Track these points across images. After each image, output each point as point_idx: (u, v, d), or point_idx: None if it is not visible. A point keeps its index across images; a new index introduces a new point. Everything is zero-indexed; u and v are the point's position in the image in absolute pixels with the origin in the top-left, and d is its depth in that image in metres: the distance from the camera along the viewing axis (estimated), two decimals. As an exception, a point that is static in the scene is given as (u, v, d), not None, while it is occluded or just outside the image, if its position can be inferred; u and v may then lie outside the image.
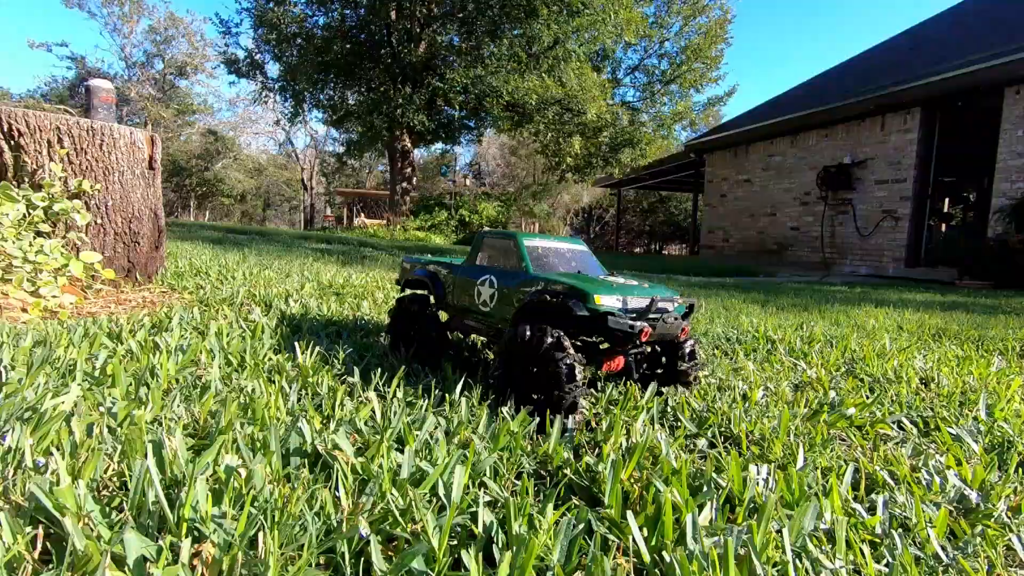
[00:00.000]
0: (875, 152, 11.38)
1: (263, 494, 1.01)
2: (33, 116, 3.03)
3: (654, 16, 21.88)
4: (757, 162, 14.43)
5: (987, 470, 1.37)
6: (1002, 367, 2.68)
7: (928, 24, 15.61)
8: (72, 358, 1.81)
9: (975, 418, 1.85)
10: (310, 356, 2.09)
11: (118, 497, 1.02)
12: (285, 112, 22.05)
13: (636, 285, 1.86)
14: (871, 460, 1.47)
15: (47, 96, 34.20)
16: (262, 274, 4.54)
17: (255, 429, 1.34)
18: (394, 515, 0.99)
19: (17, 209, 2.83)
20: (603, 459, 1.31)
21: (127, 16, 33.41)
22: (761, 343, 3.01)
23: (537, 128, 20.06)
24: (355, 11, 19.11)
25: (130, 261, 3.49)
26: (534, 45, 17.92)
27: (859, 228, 11.67)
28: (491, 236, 2.20)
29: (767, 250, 14.00)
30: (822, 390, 2.15)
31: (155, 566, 0.82)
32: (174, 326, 2.43)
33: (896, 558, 0.97)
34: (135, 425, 1.28)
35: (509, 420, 1.49)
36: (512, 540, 0.95)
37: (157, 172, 3.64)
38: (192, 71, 36.06)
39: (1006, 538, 1.11)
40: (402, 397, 1.71)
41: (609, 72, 23.47)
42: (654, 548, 0.98)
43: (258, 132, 42.70)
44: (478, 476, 1.21)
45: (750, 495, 1.16)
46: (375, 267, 6.29)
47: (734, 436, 1.61)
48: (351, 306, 3.45)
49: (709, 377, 2.23)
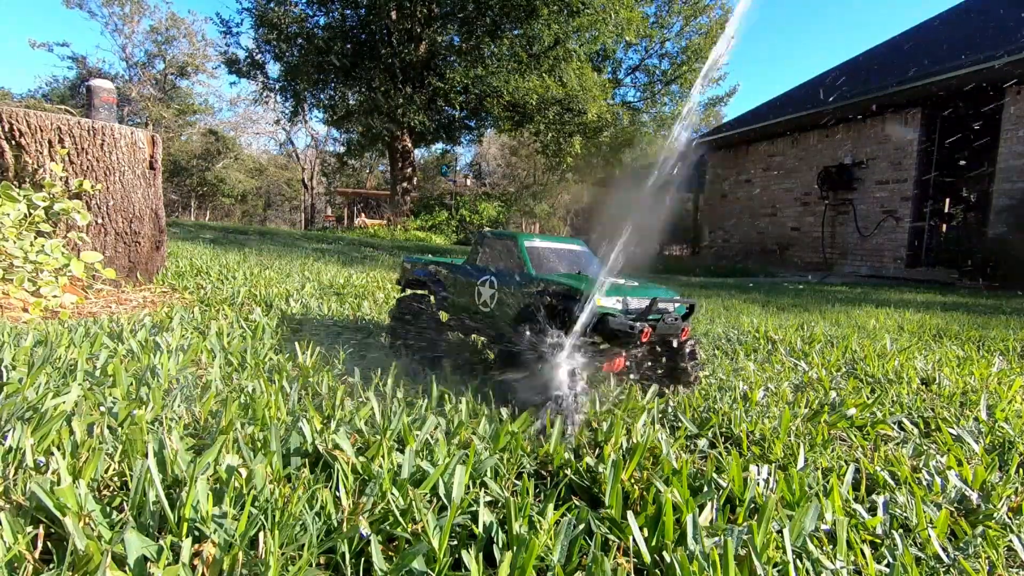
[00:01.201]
0: (876, 152, 11.37)
1: (264, 494, 1.01)
2: (34, 116, 3.04)
3: (655, 16, 21.90)
4: (758, 162, 14.42)
5: (988, 471, 1.37)
6: (1003, 367, 2.68)
7: (928, 24, 15.60)
8: (73, 358, 1.81)
9: (976, 419, 1.85)
10: (310, 356, 2.09)
11: (119, 497, 1.02)
12: (285, 112, 22.06)
13: (636, 286, 1.86)
14: (872, 460, 1.47)
15: (48, 96, 34.23)
16: (263, 274, 4.54)
17: (256, 429, 1.34)
18: (394, 515, 0.99)
19: (18, 209, 2.83)
20: (604, 459, 1.31)
21: (128, 16, 33.44)
22: (762, 343, 3.01)
23: (537, 128, 20.06)
24: (356, 11, 19.12)
25: (131, 261, 3.49)
26: (534, 45, 17.93)
27: (859, 228, 11.66)
28: (491, 236, 2.20)
29: (767, 250, 13.99)
30: (823, 390, 2.14)
31: (156, 566, 0.82)
32: (175, 326, 2.43)
33: (897, 559, 0.97)
34: (136, 425, 1.28)
35: (509, 421, 1.49)
36: (512, 540, 0.95)
37: (158, 172, 3.64)
38: (193, 71, 36.09)
39: (1007, 539, 1.11)
40: (402, 397, 1.71)
41: (610, 72, 23.47)
42: (654, 548, 0.98)
43: (259, 132, 42.75)
44: (479, 476, 1.21)
45: (751, 495, 1.16)
46: (375, 267, 6.29)
47: (735, 436, 1.61)
48: (351, 306, 3.45)
49: (710, 377, 2.23)
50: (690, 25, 22.40)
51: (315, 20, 19.51)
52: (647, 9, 21.25)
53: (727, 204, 15.54)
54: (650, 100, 24.15)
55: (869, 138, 11.48)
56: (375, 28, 18.76)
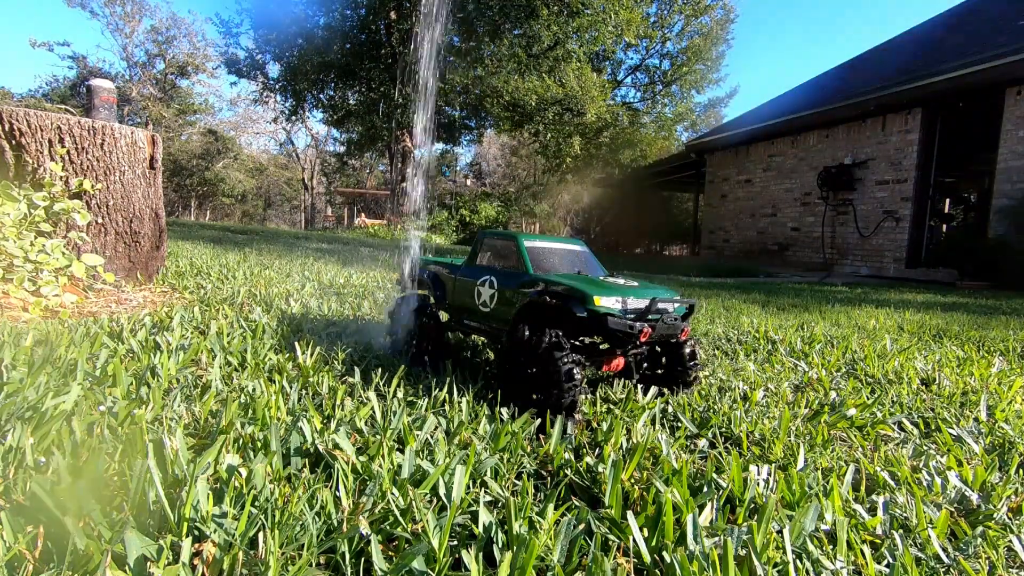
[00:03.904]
0: (876, 152, 11.37)
1: (264, 494, 1.01)
2: (34, 116, 3.04)
3: (655, 16, 21.89)
4: (758, 162, 14.42)
5: (988, 471, 1.37)
6: (1003, 368, 2.68)
7: (929, 24, 15.60)
8: (73, 357, 1.81)
9: (976, 419, 1.85)
10: (310, 356, 2.09)
11: (119, 496, 1.02)
12: (285, 112, 22.06)
13: (636, 286, 1.86)
14: (872, 461, 1.47)
15: (48, 96, 34.19)
16: (263, 274, 4.54)
17: (256, 429, 1.34)
18: (394, 515, 0.99)
19: (18, 208, 2.83)
20: (604, 459, 1.31)
21: (129, 16, 33.42)
22: (762, 344, 3.01)
23: (537, 128, 20.07)
24: (355, 11, 19.11)
25: (131, 261, 3.49)
26: (534, 45, 17.92)
27: (860, 229, 11.66)
28: (491, 236, 2.20)
29: (768, 250, 13.99)
30: (823, 391, 2.14)
31: (155, 565, 0.82)
32: (175, 326, 2.43)
33: (897, 559, 0.97)
34: (136, 425, 1.28)
35: (509, 421, 1.49)
36: (512, 540, 0.95)
37: (158, 172, 3.64)
38: (193, 71, 36.07)
39: (1007, 539, 1.11)
40: (402, 397, 1.71)
41: (610, 73, 23.48)
42: (654, 548, 0.98)
43: (259, 132, 42.73)
44: (479, 476, 1.21)
45: (751, 495, 1.16)
46: (375, 267, 6.29)
47: (735, 437, 1.60)
48: (351, 306, 3.45)
49: (709, 377, 2.23)
50: (691, 25, 22.40)
51: (315, 20, 19.49)
52: (647, 9, 21.25)
53: (727, 204, 15.53)
54: (650, 101, 24.16)
55: (869, 138, 11.48)
56: (375, 28, 18.76)
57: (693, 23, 22.27)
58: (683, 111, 24.23)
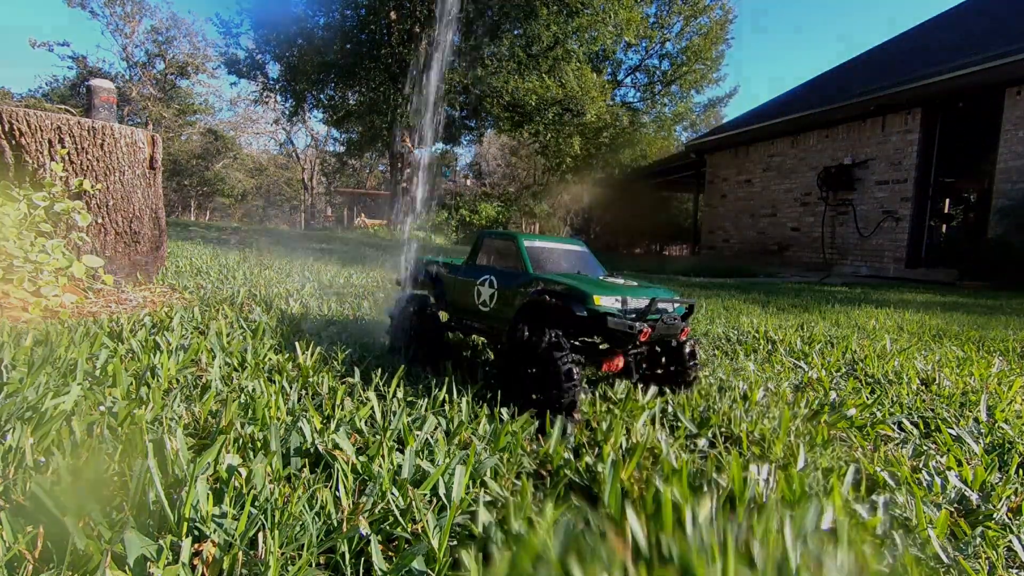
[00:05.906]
0: (876, 152, 11.37)
1: (264, 494, 1.01)
2: (34, 116, 3.04)
3: (655, 16, 21.89)
4: (758, 162, 14.42)
5: (988, 471, 1.37)
6: (1003, 368, 2.68)
7: (929, 25, 15.60)
8: (73, 357, 1.81)
9: (976, 419, 1.85)
10: (310, 356, 2.09)
11: (118, 497, 1.02)
12: (285, 112, 22.06)
13: (636, 286, 1.86)
14: (872, 461, 1.47)
15: (48, 96, 34.19)
16: (262, 274, 4.54)
17: (256, 429, 1.34)
18: (394, 515, 0.99)
19: (18, 209, 2.83)
20: (603, 459, 1.31)
21: (129, 16, 33.41)
22: (761, 343, 3.01)
23: (537, 128, 20.06)
24: (355, 11, 19.12)
25: (131, 261, 3.49)
26: (534, 45, 17.92)
27: (859, 229, 11.66)
28: (491, 236, 2.20)
29: (768, 250, 13.99)
30: (823, 391, 2.14)
31: (155, 565, 0.82)
32: (175, 326, 2.43)
33: (897, 559, 0.97)
34: (136, 425, 1.28)
35: (509, 421, 1.49)
36: (511, 540, 0.95)
37: (158, 172, 3.64)
38: (193, 71, 36.06)
39: (1007, 539, 1.11)
40: (402, 397, 1.71)
41: (609, 73, 23.47)
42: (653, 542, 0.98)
43: (259, 132, 42.70)
44: (479, 476, 1.21)
45: (751, 495, 1.16)
46: (375, 267, 6.29)
47: (734, 436, 1.61)
48: (351, 306, 3.45)
49: (709, 377, 2.23)
50: (690, 26, 22.39)
51: (315, 20, 19.50)
52: (647, 9, 21.25)
53: (727, 204, 15.54)
54: (650, 101, 24.15)
55: (869, 138, 11.48)
56: (375, 28, 18.76)
57: (692, 23, 22.26)
58: (683, 111, 24.22)
